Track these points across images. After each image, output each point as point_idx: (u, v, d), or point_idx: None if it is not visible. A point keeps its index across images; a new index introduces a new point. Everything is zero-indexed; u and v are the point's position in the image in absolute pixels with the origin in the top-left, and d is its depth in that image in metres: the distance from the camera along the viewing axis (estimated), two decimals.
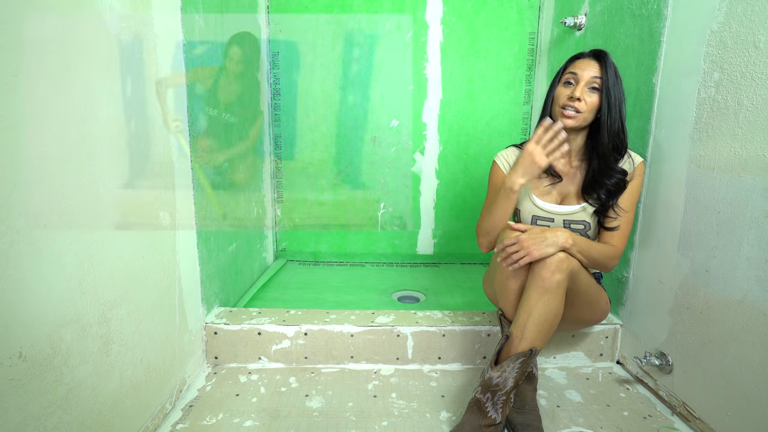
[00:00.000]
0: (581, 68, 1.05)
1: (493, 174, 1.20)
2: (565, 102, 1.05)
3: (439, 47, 1.97)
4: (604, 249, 1.06)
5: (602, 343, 1.36)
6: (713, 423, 1.01)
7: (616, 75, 1.04)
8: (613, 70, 1.04)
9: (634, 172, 1.09)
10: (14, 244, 0.63)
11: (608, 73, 1.03)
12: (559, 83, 1.09)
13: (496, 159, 1.20)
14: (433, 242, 2.17)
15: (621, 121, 1.05)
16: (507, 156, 1.20)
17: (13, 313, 0.64)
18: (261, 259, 1.93)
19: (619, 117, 1.05)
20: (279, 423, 1.06)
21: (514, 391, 0.99)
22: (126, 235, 0.90)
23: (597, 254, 1.04)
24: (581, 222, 1.11)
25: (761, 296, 0.90)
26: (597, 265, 1.07)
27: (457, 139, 2.06)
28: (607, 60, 1.04)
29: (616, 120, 1.05)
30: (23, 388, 0.66)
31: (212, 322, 1.29)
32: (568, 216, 1.11)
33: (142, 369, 0.97)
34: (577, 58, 1.08)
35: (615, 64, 1.05)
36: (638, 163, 1.10)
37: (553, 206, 1.13)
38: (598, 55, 1.06)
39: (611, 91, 1.03)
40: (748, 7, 0.92)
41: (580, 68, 1.05)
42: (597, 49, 1.07)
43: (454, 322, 1.33)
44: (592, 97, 1.04)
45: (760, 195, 0.90)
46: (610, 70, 1.03)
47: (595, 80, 1.04)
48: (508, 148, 1.22)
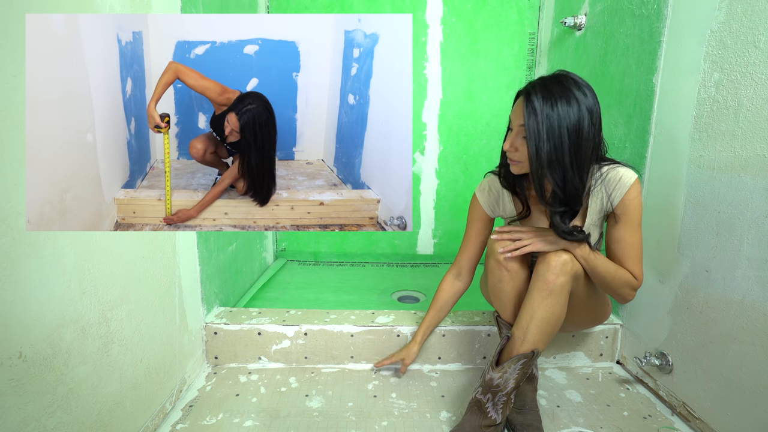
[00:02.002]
0: (514, 112, 0.92)
1: (472, 209, 1.16)
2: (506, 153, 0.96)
3: (439, 47, 1.97)
4: (617, 270, 0.96)
5: (602, 343, 1.36)
6: (713, 423, 1.01)
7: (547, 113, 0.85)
8: (541, 112, 0.85)
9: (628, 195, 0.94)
10: (14, 244, 0.63)
11: (531, 118, 0.86)
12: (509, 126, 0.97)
13: (477, 194, 1.14)
14: (433, 242, 2.17)
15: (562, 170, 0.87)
16: (487, 191, 1.12)
17: (13, 313, 0.64)
18: (261, 259, 1.93)
19: (558, 165, 0.87)
20: (279, 423, 1.06)
21: (514, 392, 0.98)
22: (126, 234, 0.90)
23: (603, 270, 0.95)
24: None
25: (761, 296, 0.90)
26: (607, 285, 0.98)
27: (457, 139, 2.06)
28: (531, 100, 0.86)
29: (551, 171, 0.87)
30: (23, 388, 0.66)
31: (212, 322, 1.29)
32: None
33: (142, 369, 0.97)
34: (517, 96, 0.93)
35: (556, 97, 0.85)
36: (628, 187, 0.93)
37: None
38: (525, 93, 0.89)
39: (536, 141, 0.86)
40: (748, 7, 0.92)
41: (513, 112, 0.93)
42: (531, 83, 0.90)
43: (454, 322, 1.33)
44: (525, 146, 0.90)
45: (760, 195, 0.90)
46: (536, 113, 0.85)
47: (522, 128, 0.89)
48: (485, 181, 1.13)
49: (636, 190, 0.95)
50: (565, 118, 0.85)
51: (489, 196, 1.12)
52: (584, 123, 0.86)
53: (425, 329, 1.25)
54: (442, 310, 1.24)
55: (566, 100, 0.85)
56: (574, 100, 0.85)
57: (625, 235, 0.97)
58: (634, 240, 0.97)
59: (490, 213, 1.14)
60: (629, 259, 0.98)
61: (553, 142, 0.85)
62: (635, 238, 0.97)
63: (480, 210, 1.14)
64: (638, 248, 0.98)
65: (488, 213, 1.14)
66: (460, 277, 1.21)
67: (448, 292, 1.22)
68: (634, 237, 0.97)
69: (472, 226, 1.16)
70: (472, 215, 1.16)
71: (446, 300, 1.23)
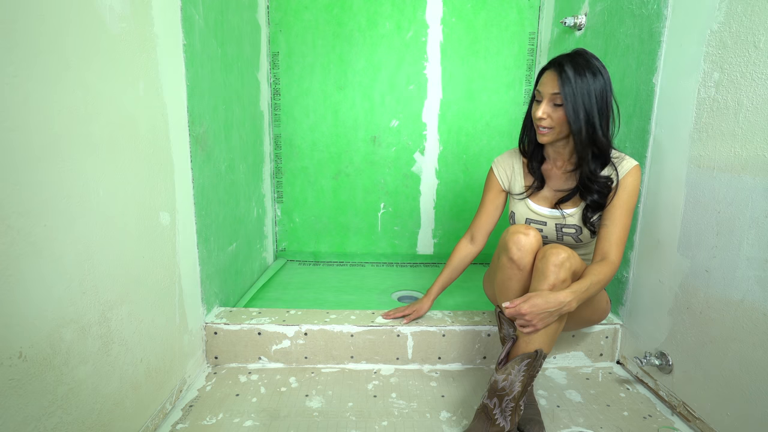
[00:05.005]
0: (543, 83, 1.03)
1: (488, 180, 1.25)
2: (535, 122, 1.05)
3: (439, 47, 1.97)
4: (600, 276, 0.98)
5: (602, 343, 1.36)
6: (713, 423, 1.01)
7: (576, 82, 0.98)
8: (575, 80, 0.98)
9: (626, 178, 1.03)
10: (14, 244, 0.63)
11: (567, 86, 0.98)
12: (533, 99, 1.08)
13: (493, 165, 1.23)
14: (433, 242, 2.17)
15: (593, 129, 1.00)
16: (503, 163, 1.22)
17: (13, 313, 0.64)
18: (261, 259, 1.93)
19: (591, 126, 1.00)
20: (279, 423, 1.06)
21: (523, 398, 0.98)
22: (126, 235, 0.90)
23: (597, 287, 0.98)
24: (573, 226, 1.11)
25: (761, 296, 0.90)
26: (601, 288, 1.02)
27: (457, 139, 2.06)
28: (564, 70, 0.98)
29: (587, 130, 1.00)
30: (23, 388, 0.66)
31: (212, 322, 1.29)
32: (560, 220, 1.12)
33: (142, 369, 0.97)
34: (544, 69, 1.05)
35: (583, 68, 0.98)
36: (628, 169, 1.04)
37: (546, 210, 1.13)
38: (558, 63, 1.01)
39: (573, 104, 0.98)
40: (748, 7, 0.92)
41: (543, 83, 1.03)
42: (562, 56, 1.02)
43: (454, 322, 1.33)
44: (558, 112, 1.01)
45: (760, 195, 0.90)
46: (570, 81, 0.98)
47: (556, 96, 1.00)
48: (506, 153, 1.23)
49: (634, 174, 1.04)
50: (593, 85, 0.98)
51: (504, 170, 1.21)
52: (607, 90, 1.00)
53: (439, 287, 1.32)
54: (456, 269, 1.30)
55: (591, 72, 0.98)
56: (598, 72, 0.99)
57: (613, 213, 1.04)
58: (620, 221, 1.03)
59: (502, 185, 1.22)
60: (609, 241, 1.03)
61: (585, 106, 0.98)
62: (622, 219, 1.03)
63: (495, 181, 1.23)
64: (622, 231, 1.03)
65: (501, 185, 1.22)
66: (473, 242, 1.28)
67: (462, 252, 1.29)
68: (621, 218, 1.03)
69: (487, 195, 1.25)
70: (488, 185, 1.25)
71: (460, 260, 1.29)
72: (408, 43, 1.96)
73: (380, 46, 1.96)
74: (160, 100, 1.01)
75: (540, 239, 1.02)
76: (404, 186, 2.10)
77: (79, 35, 0.75)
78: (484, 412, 0.98)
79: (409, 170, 2.08)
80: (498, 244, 1.09)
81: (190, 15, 1.15)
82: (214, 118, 1.33)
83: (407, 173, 2.09)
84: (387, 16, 1.94)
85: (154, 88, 0.99)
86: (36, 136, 0.67)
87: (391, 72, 1.98)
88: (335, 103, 2.01)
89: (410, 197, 2.11)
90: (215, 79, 1.34)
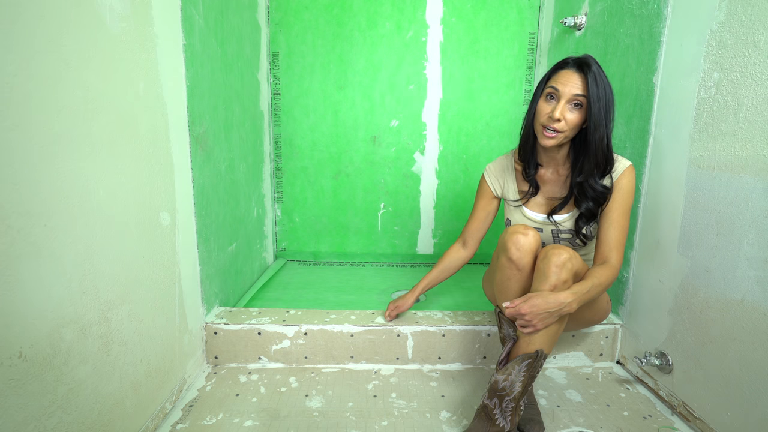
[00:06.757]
0: (563, 83, 0.97)
1: (480, 187, 1.25)
2: (546, 121, 0.99)
3: (439, 47, 1.97)
4: (601, 279, 0.97)
5: (602, 343, 1.36)
6: (713, 423, 1.01)
7: (601, 86, 0.95)
8: (600, 83, 0.95)
9: (620, 180, 1.03)
10: (14, 244, 0.63)
11: (592, 88, 0.94)
12: (541, 95, 1.02)
13: (485, 173, 1.23)
14: (433, 242, 2.17)
15: (607, 139, 0.98)
16: (495, 170, 1.21)
17: (13, 313, 0.64)
18: (261, 259, 1.93)
19: (606, 134, 0.98)
20: (279, 423, 1.06)
21: (523, 399, 0.98)
22: (126, 235, 0.90)
23: (598, 290, 0.97)
24: (569, 231, 1.11)
25: (761, 296, 0.90)
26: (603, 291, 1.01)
27: (457, 139, 2.06)
28: (592, 72, 0.95)
29: (603, 138, 0.98)
30: (23, 388, 0.66)
31: (212, 322, 1.29)
32: (556, 226, 1.11)
33: (142, 369, 0.97)
34: (560, 67, 1.00)
35: (602, 72, 0.96)
36: (622, 171, 1.03)
37: (541, 216, 1.13)
38: (582, 65, 0.96)
39: (596, 109, 0.95)
40: (748, 7, 0.92)
41: (562, 83, 0.97)
42: (581, 57, 0.98)
43: (454, 322, 1.33)
44: (574, 114, 0.97)
45: (760, 195, 0.90)
46: (596, 83, 0.94)
47: (578, 98, 0.96)
48: (498, 159, 1.22)
49: (629, 175, 1.03)
50: (609, 88, 0.97)
51: (496, 177, 1.21)
52: (613, 93, 0.99)
53: (425, 284, 1.32)
54: (444, 270, 1.30)
55: (604, 74, 0.97)
56: (606, 76, 0.98)
57: (611, 216, 1.03)
58: (618, 224, 1.03)
59: (494, 192, 1.22)
60: (609, 245, 1.03)
61: (607, 110, 0.97)
62: (620, 221, 1.03)
63: (486, 188, 1.23)
64: (621, 234, 1.03)
65: (494, 192, 1.22)
66: (465, 247, 1.29)
67: (453, 255, 1.30)
68: (619, 221, 1.03)
69: (479, 202, 1.25)
70: (480, 192, 1.25)
71: (450, 262, 1.30)
72: (408, 43, 1.96)
73: (380, 46, 1.96)
74: (160, 100, 1.01)
75: (539, 239, 1.02)
76: (404, 186, 2.10)
77: (79, 35, 0.75)
78: (484, 412, 0.98)
79: (409, 170, 2.08)
80: (497, 245, 1.09)
81: (190, 15, 1.15)
82: (214, 118, 1.33)
83: (407, 173, 2.09)
84: (387, 16, 1.94)
85: (154, 88, 0.99)
86: (36, 135, 0.67)
87: (391, 72, 1.98)
88: (335, 103, 2.01)
89: (410, 197, 2.11)
90: (215, 79, 1.34)
